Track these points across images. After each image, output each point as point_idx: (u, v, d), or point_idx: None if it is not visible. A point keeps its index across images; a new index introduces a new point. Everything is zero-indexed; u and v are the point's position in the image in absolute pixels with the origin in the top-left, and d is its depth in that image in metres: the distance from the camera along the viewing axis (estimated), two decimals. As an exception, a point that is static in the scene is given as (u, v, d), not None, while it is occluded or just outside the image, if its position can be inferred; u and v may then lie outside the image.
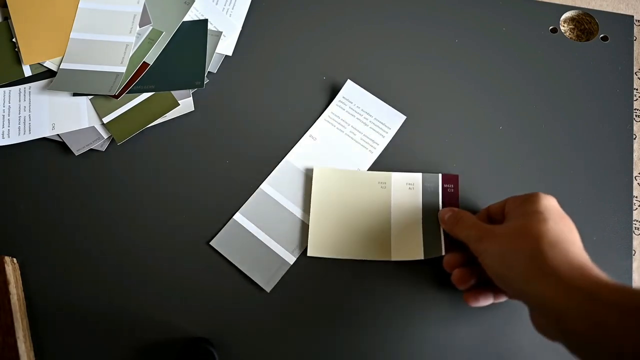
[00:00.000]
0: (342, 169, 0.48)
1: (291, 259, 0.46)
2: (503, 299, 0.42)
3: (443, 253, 0.44)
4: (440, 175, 0.48)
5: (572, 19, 0.56)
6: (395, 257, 0.45)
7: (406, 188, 0.47)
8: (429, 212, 0.47)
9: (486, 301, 0.42)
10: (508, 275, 0.36)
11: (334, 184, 0.47)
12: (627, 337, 0.29)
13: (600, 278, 0.33)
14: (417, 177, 0.48)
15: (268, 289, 0.45)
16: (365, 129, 0.49)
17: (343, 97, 0.50)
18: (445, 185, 0.48)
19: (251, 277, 0.45)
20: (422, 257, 0.45)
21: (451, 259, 0.43)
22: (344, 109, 0.50)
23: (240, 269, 0.45)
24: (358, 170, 0.48)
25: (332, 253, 0.45)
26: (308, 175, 0.48)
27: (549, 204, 0.38)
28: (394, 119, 0.50)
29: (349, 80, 0.50)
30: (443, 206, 0.47)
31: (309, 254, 0.45)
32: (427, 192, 0.47)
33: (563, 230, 0.36)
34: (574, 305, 0.32)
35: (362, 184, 0.47)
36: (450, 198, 0.47)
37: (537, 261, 0.34)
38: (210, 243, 0.46)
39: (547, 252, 0.34)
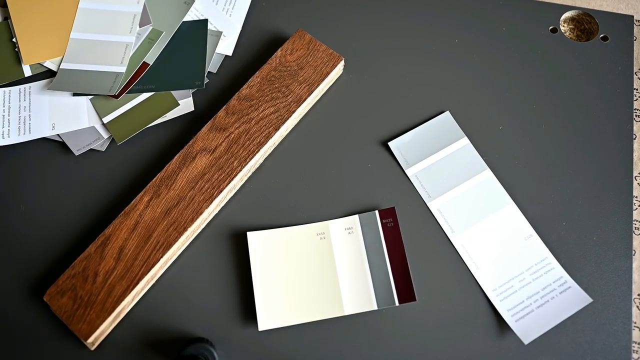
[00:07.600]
0: (276, 229, 0.46)
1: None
2: None
3: (397, 303, 0.43)
4: (377, 212, 0.46)
5: (572, 19, 0.56)
6: (348, 312, 0.43)
7: (346, 234, 0.46)
8: (375, 256, 0.45)
9: None
10: None
11: (271, 246, 0.45)
12: None
13: None
14: (355, 219, 0.46)
15: None
16: None
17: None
18: (384, 221, 0.46)
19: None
20: (375, 308, 0.43)
21: None
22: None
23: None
24: (294, 226, 0.46)
25: (284, 321, 0.43)
26: None
27: None
28: None
29: None
30: (386, 244, 0.45)
31: (260, 328, 0.43)
32: (368, 232, 0.46)
33: None
34: None
35: (301, 239, 0.45)
36: (392, 232, 0.46)
37: None
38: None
39: None
